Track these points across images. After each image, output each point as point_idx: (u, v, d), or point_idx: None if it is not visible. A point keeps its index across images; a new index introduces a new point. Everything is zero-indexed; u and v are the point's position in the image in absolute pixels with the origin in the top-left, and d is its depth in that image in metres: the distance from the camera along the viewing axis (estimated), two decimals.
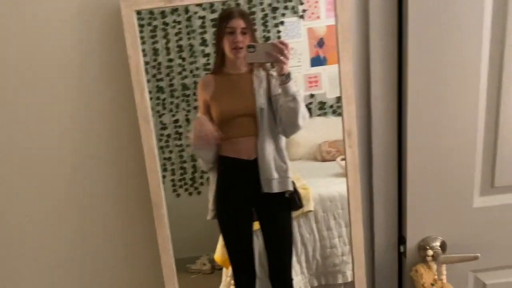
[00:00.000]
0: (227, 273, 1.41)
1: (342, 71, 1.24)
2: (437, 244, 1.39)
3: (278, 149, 1.31)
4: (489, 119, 1.33)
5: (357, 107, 1.30)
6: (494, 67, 1.28)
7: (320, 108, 1.34)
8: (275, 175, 1.32)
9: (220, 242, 1.38)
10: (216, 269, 1.42)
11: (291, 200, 1.37)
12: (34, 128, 1.31)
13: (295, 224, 1.40)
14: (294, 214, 1.39)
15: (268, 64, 1.25)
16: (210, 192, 1.36)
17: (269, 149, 1.30)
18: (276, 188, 1.33)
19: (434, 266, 1.37)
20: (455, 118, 1.30)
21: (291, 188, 1.35)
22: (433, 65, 1.25)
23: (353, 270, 1.38)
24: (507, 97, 1.30)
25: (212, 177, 1.35)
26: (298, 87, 1.28)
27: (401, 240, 1.45)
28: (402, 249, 1.44)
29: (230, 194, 1.37)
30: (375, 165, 1.38)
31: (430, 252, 1.37)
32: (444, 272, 1.38)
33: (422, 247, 1.39)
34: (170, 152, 1.29)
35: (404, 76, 1.27)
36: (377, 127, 1.34)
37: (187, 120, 1.30)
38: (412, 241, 1.41)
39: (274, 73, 1.26)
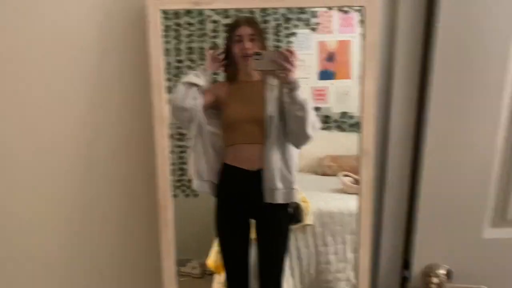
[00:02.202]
0: (218, 279, 1.37)
1: (365, 90, 1.20)
2: (442, 272, 1.31)
3: (284, 159, 1.27)
4: (506, 152, 1.27)
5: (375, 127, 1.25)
6: None
7: (324, 121, 1.31)
8: (280, 185, 1.27)
9: (215, 247, 1.35)
10: (206, 274, 1.38)
11: (293, 213, 1.33)
12: (46, 122, 1.31)
13: (292, 237, 1.35)
14: (292, 227, 1.35)
15: (277, 72, 1.23)
16: (189, 160, 1.31)
17: (275, 158, 1.27)
18: (280, 199, 1.28)
19: None
20: (473, 146, 1.25)
21: (296, 199, 1.30)
22: (456, 92, 1.20)
23: None
24: None
25: (193, 147, 1.30)
26: (307, 96, 1.24)
27: (406, 264, 1.38)
28: (406, 274, 1.38)
29: (230, 203, 1.33)
30: (387, 187, 1.33)
31: (435, 280, 1.29)
32: None
33: (427, 273, 1.32)
34: (171, 152, 1.26)
35: (426, 100, 1.23)
36: (394, 149, 1.29)
37: None
38: (417, 267, 1.34)
39: (280, 80, 1.24)
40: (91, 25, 1.24)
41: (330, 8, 1.23)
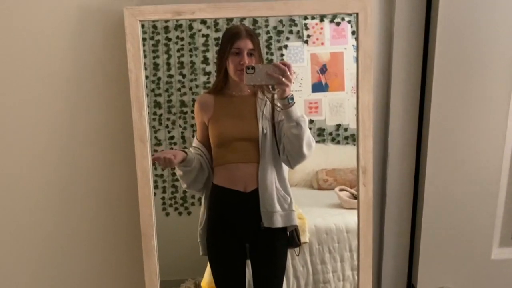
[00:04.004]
0: None
1: (361, 102, 1.15)
2: None
3: (280, 179, 1.21)
4: None
5: (373, 142, 1.20)
6: None
7: (318, 134, 1.27)
8: (278, 207, 1.21)
9: (208, 268, 1.28)
10: None
11: (291, 237, 1.25)
12: (23, 140, 1.24)
13: (288, 255, 1.29)
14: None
15: (270, 87, 1.18)
16: (200, 224, 1.26)
17: (270, 178, 1.20)
18: (279, 223, 1.21)
19: None
20: (478, 162, 1.19)
21: (296, 222, 1.23)
22: (458, 103, 1.15)
23: None
24: None
25: (202, 206, 1.25)
26: (302, 112, 1.19)
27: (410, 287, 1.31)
28: None
29: (222, 228, 1.25)
30: (388, 206, 1.27)
31: None
32: None
33: None
34: (163, 169, 1.23)
35: (426, 112, 1.18)
36: (393, 165, 1.24)
37: (183, 137, 1.24)
38: None
39: (275, 96, 1.18)
40: (68, 36, 1.17)
41: (322, 19, 1.21)
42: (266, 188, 1.20)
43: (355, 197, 1.24)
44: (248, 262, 1.27)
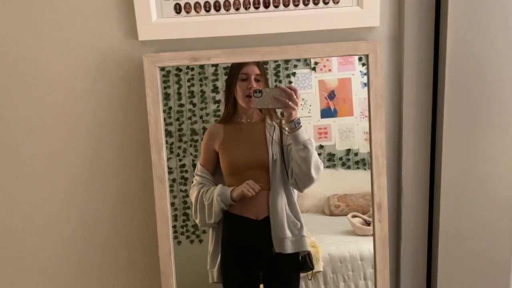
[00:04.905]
0: None
1: (374, 140, 1.17)
2: None
3: (291, 205, 1.21)
4: None
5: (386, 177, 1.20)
6: None
7: (329, 159, 1.26)
8: (288, 233, 1.21)
9: None
10: None
11: (303, 261, 1.24)
12: (47, 177, 1.27)
13: (302, 285, 1.26)
14: (302, 274, 1.26)
15: (279, 111, 1.20)
16: (209, 252, 1.26)
17: (281, 204, 1.20)
18: (289, 249, 1.21)
19: None
20: (492, 195, 1.17)
21: (307, 248, 1.22)
22: (469, 137, 1.15)
23: None
24: None
25: (211, 235, 1.26)
26: (310, 135, 1.20)
27: None
28: None
29: (236, 255, 1.25)
30: (403, 240, 1.25)
31: None
32: None
33: None
34: (174, 197, 1.23)
35: (438, 146, 1.18)
36: (408, 200, 1.23)
37: (194, 165, 1.24)
38: None
39: (282, 120, 1.19)
40: (88, 79, 1.22)
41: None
42: (277, 215, 1.20)
43: (368, 223, 1.21)
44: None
